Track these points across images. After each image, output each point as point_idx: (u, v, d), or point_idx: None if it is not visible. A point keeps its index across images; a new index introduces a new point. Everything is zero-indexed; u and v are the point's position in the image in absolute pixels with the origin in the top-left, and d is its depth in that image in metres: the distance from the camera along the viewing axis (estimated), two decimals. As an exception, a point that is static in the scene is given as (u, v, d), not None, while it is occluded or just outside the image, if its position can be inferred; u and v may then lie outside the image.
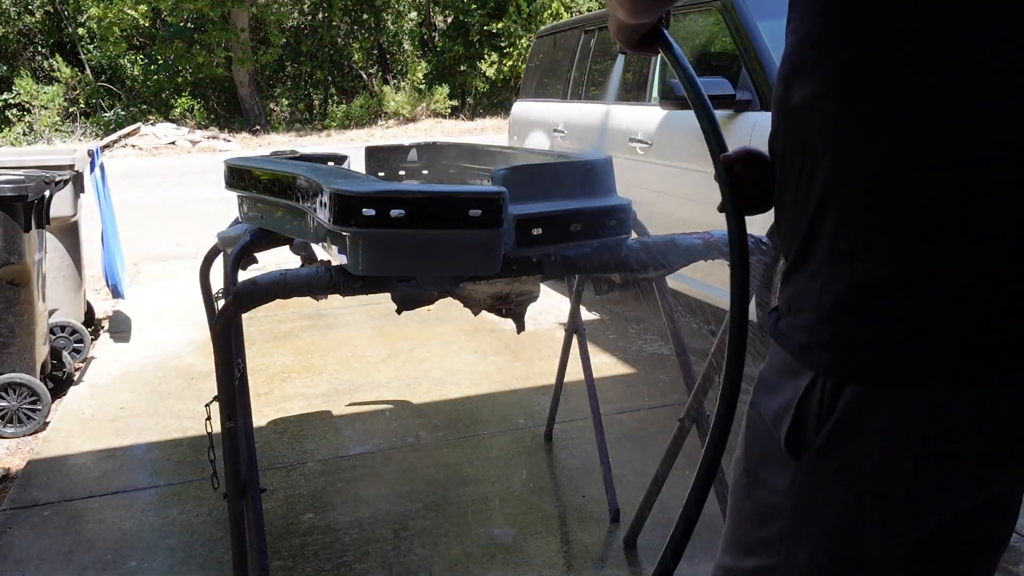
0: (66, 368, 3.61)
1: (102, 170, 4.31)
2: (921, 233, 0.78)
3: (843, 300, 0.83)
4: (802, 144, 0.86)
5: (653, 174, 4.02)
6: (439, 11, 22.04)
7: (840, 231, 0.83)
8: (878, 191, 0.80)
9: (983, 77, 0.76)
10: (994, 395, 0.81)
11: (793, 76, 0.87)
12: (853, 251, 0.82)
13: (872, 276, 0.81)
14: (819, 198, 0.84)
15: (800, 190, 0.87)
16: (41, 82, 18.88)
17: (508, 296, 1.83)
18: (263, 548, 1.72)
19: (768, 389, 0.93)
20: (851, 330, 0.83)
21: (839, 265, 0.83)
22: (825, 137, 0.83)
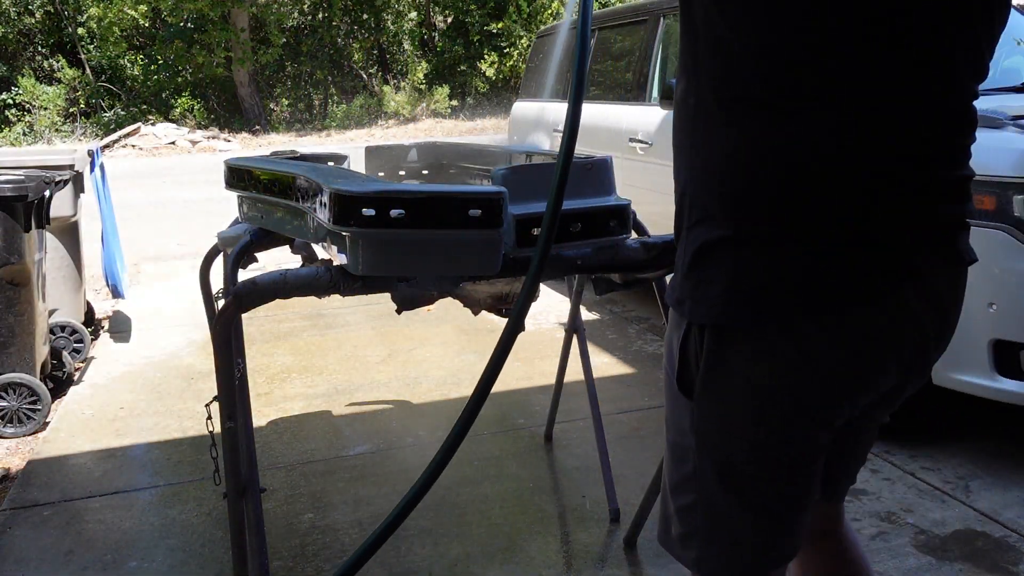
0: (66, 368, 3.61)
1: (102, 170, 4.31)
2: (741, 205, 0.96)
3: (694, 260, 1.00)
4: (677, 135, 1.04)
5: (653, 174, 4.02)
6: (439, 11, 22.03)
7: (692, 207, 1.01)
8: (712, 173, 0.98)
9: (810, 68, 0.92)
10: (809, 337, 0.96)
11: (684, 73, 1.03)
12: (698, 221, 1.00)
13: (710, 239, 0.98)
14: (684, 180, 1.03)
15: (677, 175, 1.05)
16: (42, 82, 18.88)
17: (508, 296, 1.83)
18: (263, 548, 1.72)
19: (667, 343, 1.10)
20: (701, 284, 0.99)
21: (691, 233, 1.01)
22: (687, 128, 1.01)
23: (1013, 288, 2.40)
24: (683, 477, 1.09)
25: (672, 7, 4.17)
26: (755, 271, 0.96)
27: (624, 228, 1.61)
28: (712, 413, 1.03)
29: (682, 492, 1.09)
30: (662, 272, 1.75)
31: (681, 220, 1.04)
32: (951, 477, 2.58)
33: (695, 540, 1.10)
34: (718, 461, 1.04)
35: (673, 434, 1.10)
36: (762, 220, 0.95)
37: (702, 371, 1.01)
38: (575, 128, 1.03)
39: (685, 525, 1.10)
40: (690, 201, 1.01)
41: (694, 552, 1.10)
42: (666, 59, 4.30)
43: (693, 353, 1.02)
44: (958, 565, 2.13)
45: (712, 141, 0.98)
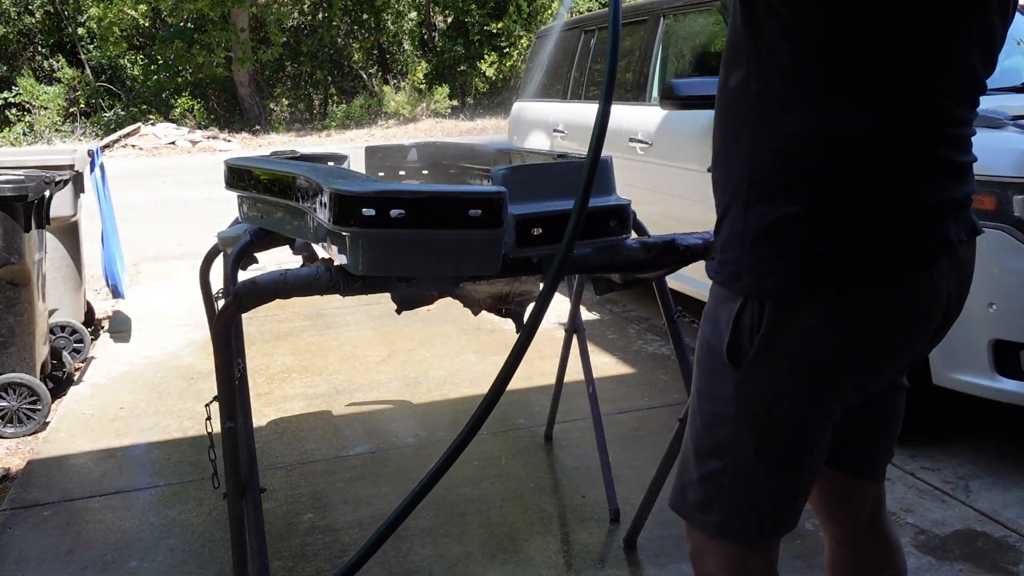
0: (66, 368, 3.61)
1: (102, 170, 4.31)
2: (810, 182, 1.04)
3: (758, 236, 1.07)
4: (732, 120, 1.11)
5: (653, 174, 4.02)
6: (439, 11, 22.03)
7: (753, 186, 1.07)
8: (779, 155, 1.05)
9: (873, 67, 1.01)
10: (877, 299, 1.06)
11: (729, 64, 1.10)
12: (761, 199, 1.06)
13: (778, 215, 1.05)
14: (740, 163, 1.09)
15: (728, 159, 1.12)
16: (41, 82, 18.88)
17: (508, 296, 1.83)
18: (263, 548, 1.72)
19: (710, 319, 1.15)
20: (767, 257, 1.06)
21: (752, 211, 1.07)
22: (746, 114, 1.08)
23: (1013, 288, 2.40)
24: (714, 443, 1.15)
25: (672, 7, 4.17)
26: (823, 243, 1.04)
27: (624, 228, 1.61)
28: (762, 380, 1.10)
29: (710, 458, 1.16)
30: (662, 272, 1.75)
31: (734, 201, 1.10)
32: (951, 477, 2.58)
33: (716, 505, 1.16)
34: (758, 426, 1.11)
35: (708, 403, 1.16)
36: (830, 196, 1.03)
37: (759, 340, 1.07)
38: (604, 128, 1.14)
39: (707, 491, 1.17)
40: (750, 181, 1.07)
41: (714, 516, 1.17)
42: (666, 59, 4.30)
43: (748, 324, 1.08)
44: (958, 565, 2.13)
45: (780, 125, 1.05)
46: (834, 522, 1.36)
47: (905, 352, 1.13)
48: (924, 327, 1.12)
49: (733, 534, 1.17)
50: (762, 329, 1.07)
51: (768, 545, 1.21)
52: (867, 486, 1.33)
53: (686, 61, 4.20)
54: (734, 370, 1.11)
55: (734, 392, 1.12)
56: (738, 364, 1.10)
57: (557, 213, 1.52)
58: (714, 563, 1.20)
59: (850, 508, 1.34)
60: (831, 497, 1.33)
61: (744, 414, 1.12)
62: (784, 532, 1.19)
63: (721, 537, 1.17)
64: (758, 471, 1.13)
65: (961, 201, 1.10)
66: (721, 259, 1.12)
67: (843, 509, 1.34)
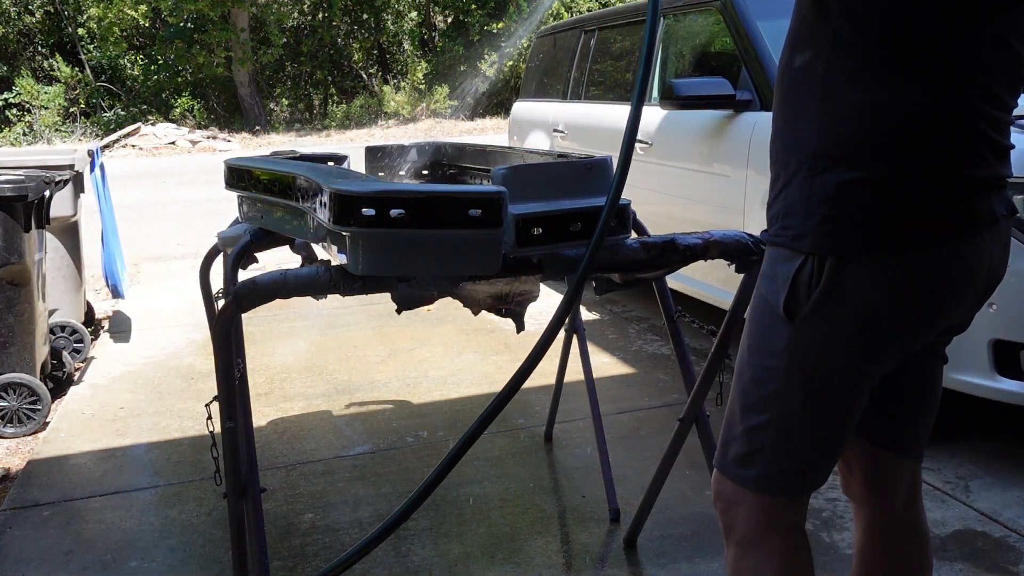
0: (66, 368, 3.61)
1: (102, 170, 4.31)
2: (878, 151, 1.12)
3: (821, 201, 1.15)
4: (798, 97, 1.18)
5: (653, 174, 4.02)
6: (439, 11, 22.04)
7: (819, 156, 1.15)
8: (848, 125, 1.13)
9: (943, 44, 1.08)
10: (922, 265, 1.14)
11: (795, 46, 1.19)
12: (828, 167, 1.14)
13: (845, 180, 1.13)
14: (808, 136, 1.16)
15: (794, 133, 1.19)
16: (41, 82, 18.88)
17: (508, 296, 1.83)
18: (263, 548, 1.72)
19: (768, 277, 1.22)
20: (831, 218, 1.14)
21: (818, 178, 1.15)
22: (814, 89, 1.15)
23: (1013, 288, 2.40)
24: (762, 397, 1.22)
25: (672, 7, 4.17)
26: (883, 206, 1.12)
27: (624, 228, 1.61)
28: (816, 331, 1.17)
29: (757, 412, 1.23)
30: (662, 272, 1.75)
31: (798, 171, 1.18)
32: (951, 477, 2.58)
33: (758, 459, 1.24)
34: (807, 376, 1.19)
35: (758, 358, 1.23)
36: (891, 164, 1.11)
37: (816, 293, 1.15)
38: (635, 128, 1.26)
39: (751, 444, 1.24)
40: (817, 152, 1.16)
41: (755, 470, 1.24)
42: (666, 59, 4.30)
43: (806, 280, 1.16)
44: (958, 565, 2.13)
45: (846, 101, 1.13)
46: (870, 502, 1.40)
47: (948, 314, 1.20)
48: (968, 292, 1.19)
49: (770, 487, 1.24)
50: (820, 284, 1.14)
51: (800, 501, 1.28)
52: (907, 465, 1.38)
53: (686, 61, 4.20)
54: (788, 323, 1.18)
55: (787, 345, 1.19)
56: (793, 318, 1.18)
57: (557, 213, 1.52)
58: (747, 517, 1.26)
59: (889, 487, 1.38)
60: (873, 474, 1.38)
61: (794, 366, 1.19)
62: (815, 488, 1.27)
63: (758, 490, 1.24)
64: (803, 422, 1.20)
65: (1001, 179, 1.18)
66: (783, 225, 1.20)
67: (883, 487, 1.38)
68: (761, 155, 3.17)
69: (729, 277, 3.49)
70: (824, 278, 1.15)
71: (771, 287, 1.21)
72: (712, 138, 3.59)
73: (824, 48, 1.15)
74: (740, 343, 1.28)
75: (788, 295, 1.17)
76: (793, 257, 1.18)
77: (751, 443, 1.24)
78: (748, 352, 1.26)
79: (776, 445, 1.22)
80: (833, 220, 1.14)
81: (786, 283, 1.18)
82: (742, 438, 1.25)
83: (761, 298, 1.24)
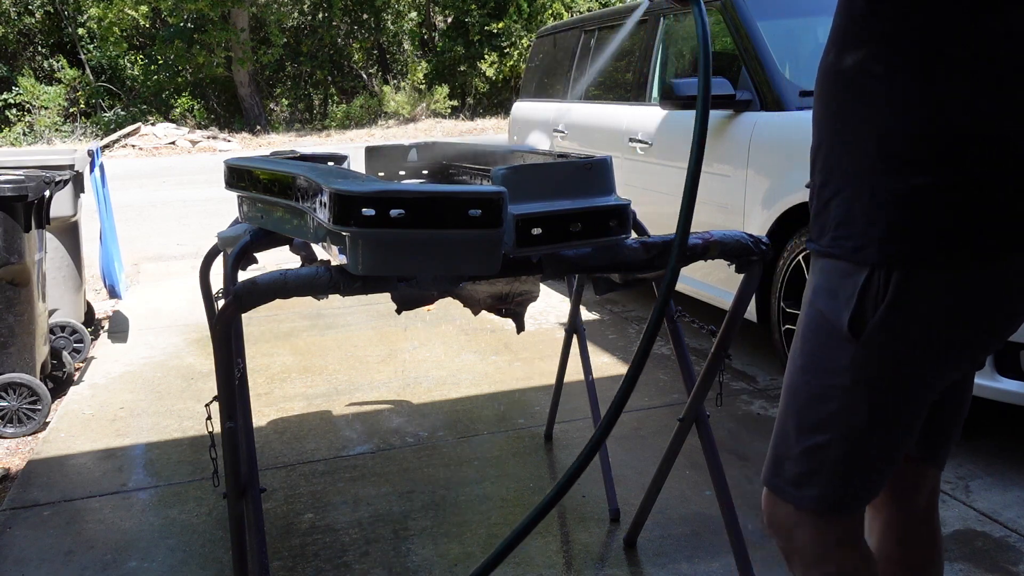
0: (66, 368, 3.61)
1: (102, 170, 4.32)
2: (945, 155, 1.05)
3: (885, 210, 1.08)
4: (849, 100, 1.12)
5: (653, 174, 4.02)
6: (439, 11, 22.04)
7: (880, 162, 1.09)
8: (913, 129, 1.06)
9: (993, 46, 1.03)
10: (995, 274, 1.09)
11: (845, 46, 1.13)
12: (889, 174, 1.08)
13: (909, 187, 1.07)
14: (865, 141, 1.10)
15: (846, 138, 1.13)
16: (42, 82, 18.88)
17: (508, 296, 1.83)
18: (263, 548, 1.72)
19: (826, 292, 1.16)
20: (892, 229, 1.08)
21: (880, 185, 1.09)
22: (870, 92, 1.09)
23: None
24: (822, 417, 1.17)
25: (672, 7, 4.17)
26: (953, 215, 1.06)
27: (624, 228, 1.61)
28: (884, 348, 1.12)
29: (816, 432, 1.18)
30: (662, 272, 1.75)
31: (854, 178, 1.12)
32: (951, 477, 2.58)
33: (816, 478, 1.19)
34: (875, 395, 1.14)
35: (816, 377, 1.18)
36: (966, 168, 1.05)
37: (884, 308, 1.09)
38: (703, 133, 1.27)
39: (809, 464, 1.19)
40: (876, 157, 1.10)
41: (813, 490, 1.19)
42: (666, 59, 4.30)
43: (873, 294, 1.10)
44: (958, 565, 2.13)
45: (912, 100, 1.06)
46: (891, 507, 1.39)
47: (1010, 327, 1.17)
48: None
49: (832, 506, 1.20)
50: (887, 298, 1.09)
51: (860, 513, 1.24)
52: (930, 472, 1.37)
53: (686, 61, 4.20)
54: (853, 341, 1.13)
55: (850, 363, 1.14)
56: (858, 335, 1.12)
57: (557, 213, 1.52)
58: (811, 539, 1.23)
59: (912, 493, 1.37)
60: (899, 480, 1.36)
61: (860, 384, 1.14)
62: (872, 499, 1.23)
63: (819, 511, 1.20)
64: (867, 440, 1.16)
65: None
66: (837, 235, 1.14)
67: (907, 492, 1.37)
68: (761, 155, 3.18)
69: (729, 277, 3.49)
70: (891, 291, 1.09)
71: (831, 304, 1.15)
72: (712, 138, 3.59)
73: (881, 46, 1.09)
74: (790, 359, 1.23)
75: (854, 311, 1.12)
76: (856, 271, 1.11)
77: (810, 463, 1.19)
78: (803, 371, 1.20)
79: (838, 464, 1.18)
80: (899, 229, 1.08)
81: (851, 300, 1.12)
82: (799, 458, 1.20)
83: (818, 314, 1.18)
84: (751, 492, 2.51)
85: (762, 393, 3.29)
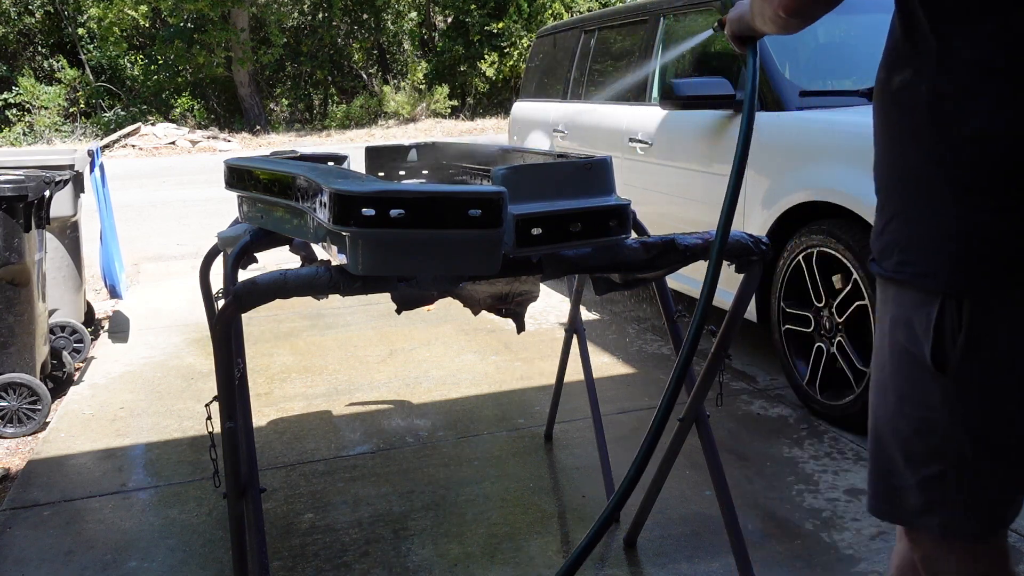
0: (66, 368, 3.61)
1: (102, 170, 4.32)
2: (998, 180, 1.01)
3: (950, 235, 1.04)
4: (903, 121, 1.09)
5: (653, 174, 4.02)
6: (439, 11, 22.04)
7: (940, 184, 1.05)
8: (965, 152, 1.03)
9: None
10: None
11: (893, 66, 1.11)
12: (951, 197, 1.04)
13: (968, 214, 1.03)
14: (923, 162, 1.06)
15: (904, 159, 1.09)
16: (42, 82, 18.89)
17: (508, 296, 1.83)
18: (263, 548, 1.72)
19: (903, 324, 1.12)
20: (960, 257, 1.04)
21: (942, 208, 1.05)
22: (924, 112, 1.06)
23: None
24: (929, 449, 1.13)
25: (672, 7, 4.17)
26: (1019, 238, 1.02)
27: (624, 228, 1.61)
28: (972, 381, 1.08)
29: (928, 463, 1.14)
30: (662, 272, 1.75)
31: (916, 200, 1.08)
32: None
33: (940, 507, 1.15)
34: (973, 428, 1.10)
35: (914, 410, 1.14)
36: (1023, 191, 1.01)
37: (963, 342, 1.06)
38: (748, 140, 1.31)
39: (930, 495, 1.15)
40: (931, 180, 1.06)
41: (938, 518, 1.15)
42: (666, 59, 4.30)
43: (949, 327, 1.06)
44: (958, 565, 2.13)
45: (962, 121, 1.02)
46: None
47: None
48: None
49: (963, 532, 1.16)
50: (964, 329, 1.05)
51: (1003, 532, 1.19)
52: None
53: (686, 61, 4.20)
54: (940, 375, 1.09)
55: (943, 398, 1.10)
56: (943, 369, 1.08)
57: (557, 213, 1.52)
58: (949, 565, 1.19)
59: None
60: None
61: (957, 418, 1.10)
62: (1013, 519, 1.18)
63: (951, 537, 1.16)
64: (980, 470, 1.12)
65: None
66: (902, 260, 1.10)
67: None
68: (761, 155, 3.18)
69: (729, 277, 3.49)
70: (966, 321, 1.05)
71: (910, 336, 1.11)
72: (712, 138, 3.59)
73: (926, 66, 1.06)
74: (877, 385, 1.20)
75: (934, 345, 1.08)
76: (928, 302, 1.08)
77: (929, 494, 1.15)
78: (900, 401, 1.16)
79: (958, 493, 1.13)
80: (965, 256, 1.04)
81: (928, 333, 1.08)
82: (917, 489, 1.16)
83: (899, 346, 1.14)
84: (751, 492, 2.51)
85: (762, 393, 3.29)
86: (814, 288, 2.99)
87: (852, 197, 2.77)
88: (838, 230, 2.82)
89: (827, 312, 2.94)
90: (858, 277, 2.74)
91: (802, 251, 3.01)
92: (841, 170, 2.87)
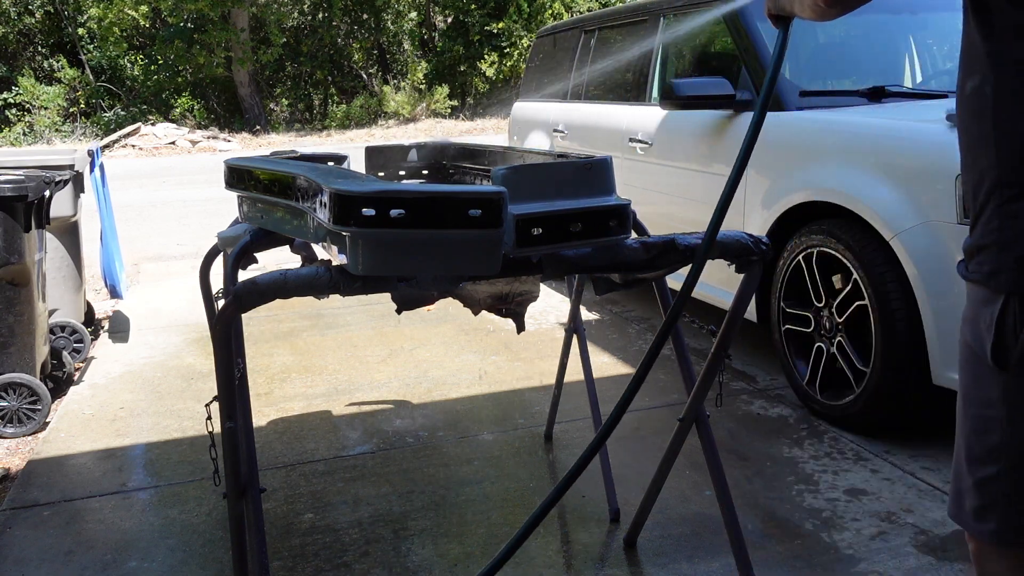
0: (66, 368, 3.61)
1: (102, 170, 4.32)
2: None
3: (1014, 235, 1.06)
4: (974, 123, 1.12)
5: (653, 174, 4.02)
6: (439, 11, 22.04)
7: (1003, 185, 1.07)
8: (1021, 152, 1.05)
9: None
10: None
11: (967, 71, 1.13)
12: (1014, 197, 1.06)
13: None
14: (990, 164, 1.09)
15: (977, 161, 1.12)
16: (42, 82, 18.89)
17: (508, 296, 1.83)
18: (263, 548, 1.72)
19: (969, 321, 1.15)
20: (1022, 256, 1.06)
21: (1005, 209, 1.07)
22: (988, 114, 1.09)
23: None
24: (986, 449, 1.15)
25: (672, 7, 4.17)
26: None
27: (624, 228, 1.61)
28: None
29: (984, 464, 1.15)
30: (662, 272, 1.75)
31: (988, 201, 1.11)
32: (951, 477, 2.57)
33: (994, 512, 1.16)
34: None
35: (975, 408, 1.16)
36: None
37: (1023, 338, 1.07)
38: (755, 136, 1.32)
39: (983, 497, 1.17)
40: (1000, 180, 1.08)
41: (992, 524, 1.16)
42: (666, 59, 4.30)
43: (1011, 323, 1.07)
44: (958, 565, 2.13)
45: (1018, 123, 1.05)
46: None
47: None
48: None
49: (1011, 540, 1.16)
50: None
51: None
52: None
53: (686, 61, 4.20)
54: (1000, 372, 1.10)
55: (1002, 395, 1.11)
56: (1004, 366, 1.10)
57: (557, 213, 1.52)
58: (1000, 567, 1.19)
59: None
60: None
61: (1016, 418, 1.11)
62: None
63: (1002, 545, 1.17)
64: None
65: None
66: (979, 260, 1.13)
67: None
68: (761, 155, 3.18)
69: (729, 277, 3.49)
70: None
71: (975, 333, 1.14)
72: (712, 138, 3.59)
73: (990, 69, 1.09)
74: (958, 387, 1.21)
75: (995, 342, 1.10)
76: (993, 299, 1.10)
77: (982, 497, 1.17)
78: (964, 400, 1.19)
79: (1010, 497, 1.14)
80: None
81: (991, 329, 1.10)
82: (974, 491, 1.18)
83: (965, 344, 1.17)
84: (751, 492, 2.51)
85: (762, 393, 3.29)
86: (814, 288, 2.99)
87: (852, 197, 2.77)
88: (838, 230, 2.82)
89: (827, 312, 2.94)
90: (858, 277, 2.74)
91: (802, 251, 3.01)
92: (841, 170, 2.87)
